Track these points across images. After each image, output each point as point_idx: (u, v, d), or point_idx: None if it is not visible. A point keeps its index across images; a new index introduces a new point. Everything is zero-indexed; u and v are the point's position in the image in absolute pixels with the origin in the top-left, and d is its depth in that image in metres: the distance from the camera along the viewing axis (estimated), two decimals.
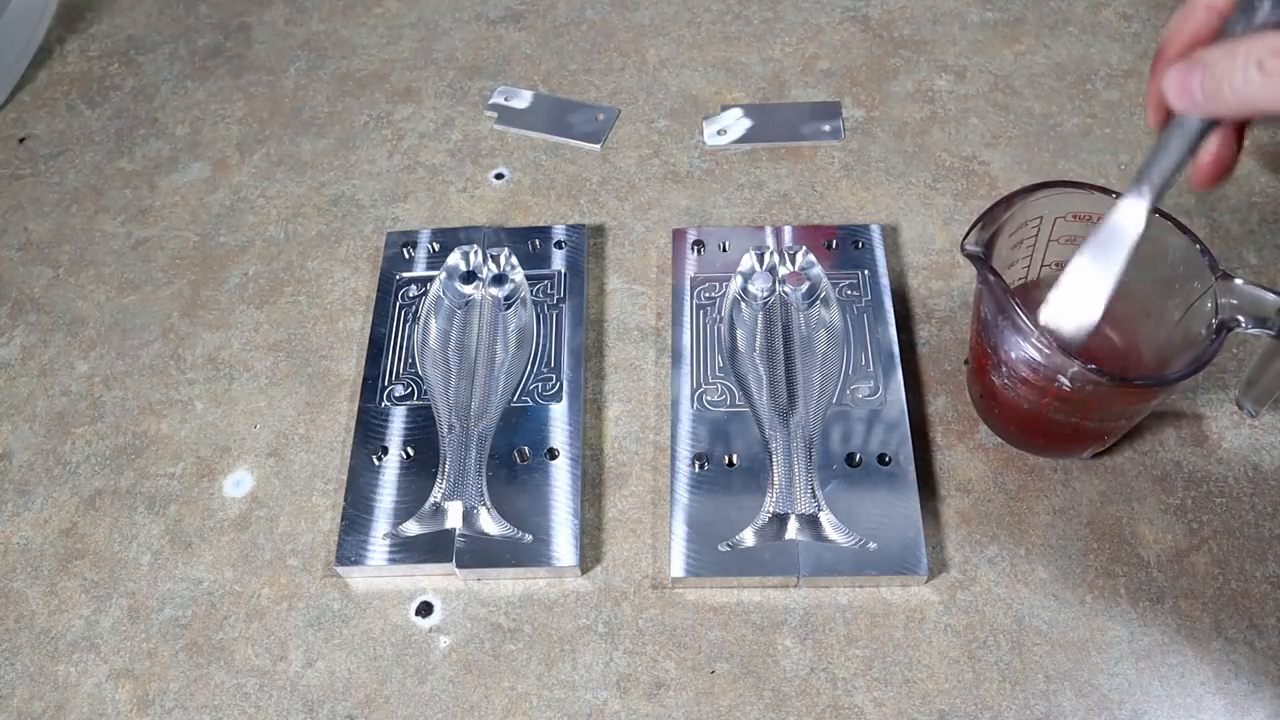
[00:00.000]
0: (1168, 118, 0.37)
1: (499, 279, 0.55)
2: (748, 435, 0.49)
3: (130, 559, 0.48)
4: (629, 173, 0.62)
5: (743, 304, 0.53)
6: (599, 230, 0.59)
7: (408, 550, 0.46)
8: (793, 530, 0.46)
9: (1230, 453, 0.49)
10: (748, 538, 0.46)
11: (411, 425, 0.50)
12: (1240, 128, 0.36)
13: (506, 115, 0.65)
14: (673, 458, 0.48)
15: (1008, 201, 0.44)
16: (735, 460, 0.48)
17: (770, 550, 0.45)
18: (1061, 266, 0.48)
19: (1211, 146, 0.36)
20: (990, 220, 0.44)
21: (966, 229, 0.44)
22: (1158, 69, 0.37)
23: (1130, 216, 0.39)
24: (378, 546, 0.46)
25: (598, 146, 0.63)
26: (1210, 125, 0.36)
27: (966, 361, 0.52)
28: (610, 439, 0.51)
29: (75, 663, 0.46)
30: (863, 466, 0.47)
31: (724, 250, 0.56)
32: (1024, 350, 0.42)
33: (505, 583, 0.47)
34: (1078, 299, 0.40)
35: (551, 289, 0.55)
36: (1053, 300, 0.41)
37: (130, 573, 0.48)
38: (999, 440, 0.50)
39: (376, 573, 0.47)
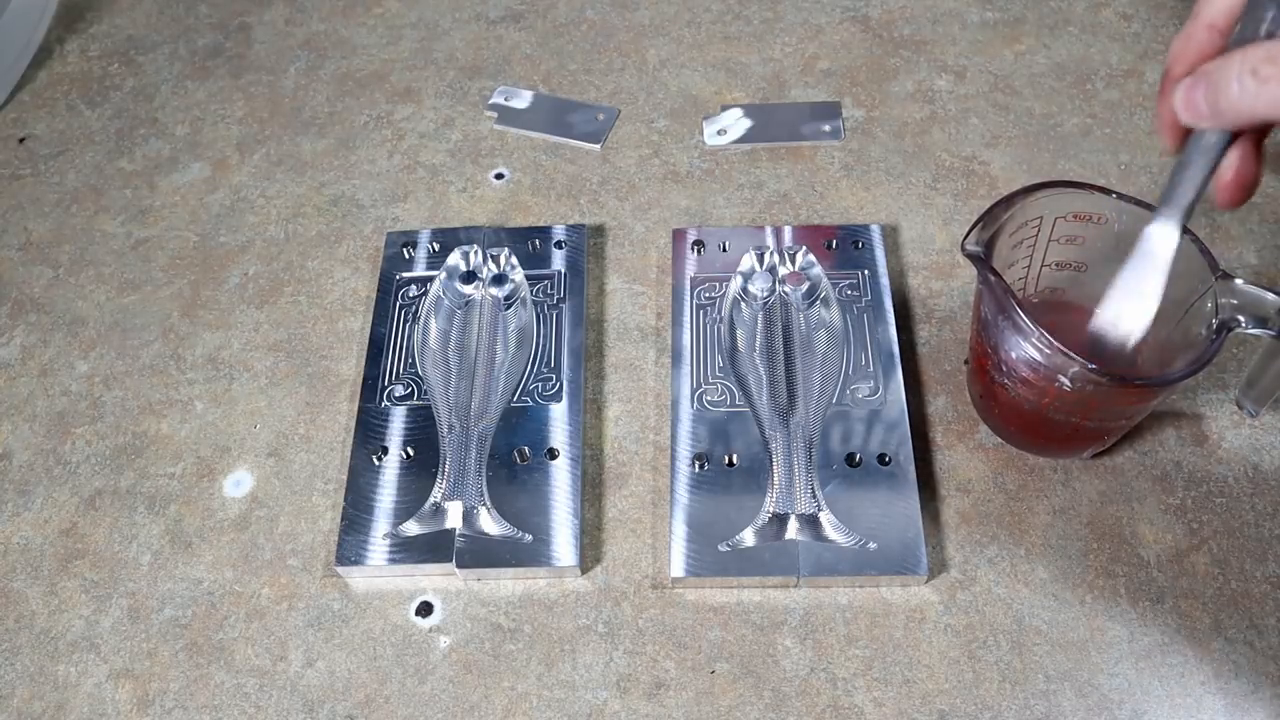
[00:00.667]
0: (1183, 138, 0.37)
1: (499, 279, 0.55)
2: (748, 435, 0.49)
3: (130, 559, 0.48)
4: (629, 173, 0.62)
5: (743, 304, 0.53)
6: (599, 230, 0.59)
7: (408, 550, 0.46)
8: (793, 530, 0.46)
9: (1230, 453, 0.49)
10: (748, 538, 0.46)
11: (411, 425, 0.50)
12: (1259, 141, 0.36)
13: (506, 115, 0.65)
14: (673, 458, 0.49)
15: (1008, 201, 0.44)
16: (735, 460, 0.48)
17: (770, 550, 0.45)
18: (1062, 266, 0.49)
19: (1232, 162, 0.36)
20: (990, 220, 0.44)
21: (966, 229, 0.44)
22: (1165, 90, 0.37)
23: (1162, 241, 0.39)
24: (378, 546, 0.46)
25: (598, 146, 0.63)
26: (1227, 140, 0.36)
27: (966, 361, 0.52)
28: (610, 439, 0.51)
29: (75, 663, 0.46)
30: (863, 466, 0.47)
31: (724, 250, 0.56)
32: (1024, 350, 0.42)
33: (505, 583, 0.47)
34: (1120, 327, 0.42)
35: (551, 289, 0.55)
36: (1098, 326, 0.42)
37: (130, 573, 0.48)
38: (999, 440, 0.50)
39: (376, 573, 0.47)
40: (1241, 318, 0.41)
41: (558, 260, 0.56)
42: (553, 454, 0.49)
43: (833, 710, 0.43)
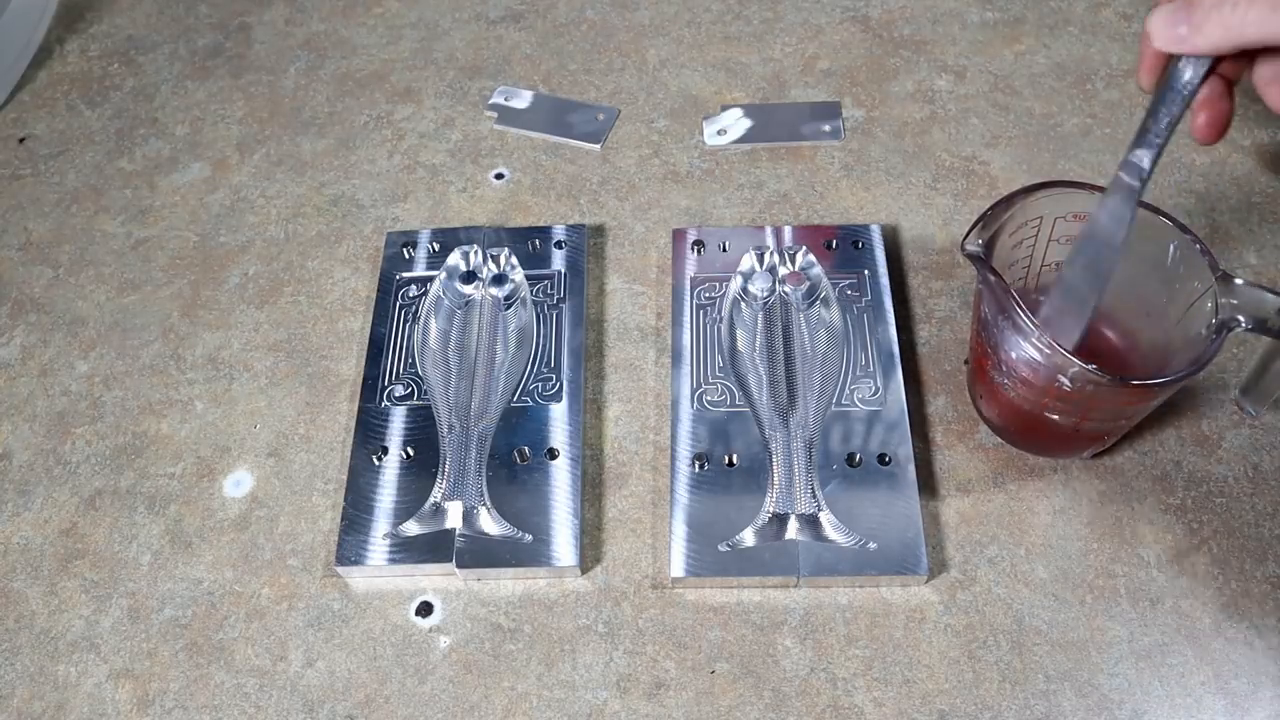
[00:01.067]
0: (1159, 78, 0.39)
1: (499, 279, 0.55)
2: (748, 435, 0.49)
3: (130, 559, 0.48)
4: (629, 173, 0.62)
5: (743, 304, 0.53)
6: (599, 230, 0.59)
7: (408, 550, 0.46)
8: (793, 530, 0.46)
9: (1230, 453, 0.49)
10: (748, 538, 0.46)
11: (411, 425, 0.50)
12: (1228, 84, 0.39)
13: (506, 115, 0.65)
14: (673, 458, 0.49)
15: (1008, 201, 0.44)
16: (735, 460, 0.48)
17: (770, 550, 0.45)
18: (1061, 266, 0.49)
19: (1206, 98, 0.39)
20: (990, 220, 0.44)
21: (966, 229, 0.44)
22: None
23: (1138, 164, 0.40)
24: (378, 546, 0.46)
25: (598, 146, 0.63)
26: (1201, 76, 0.38)
27: (966, 361, 0.52)
28: (610, 439, 0.51)
29: (75, 663, 0.46)
30: (863, 466, 0.47)
31: (724, 250, 0.56)
32: (1024, 350, 0.42)
33: (505, 583, 0.47)
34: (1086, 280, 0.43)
35: (551, 289, 0.55)
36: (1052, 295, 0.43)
37: (130, 573, 0.48)
38: (999, 440, 0.50)
39: (376, 573, 0.47)
40: (1241, 318, 0.41)
41: (558, 260, 0.56)
42: (553, 454, 0.49)
43: (833, 710, 0.43)
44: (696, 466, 0.48)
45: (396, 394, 0.51)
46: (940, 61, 0.67)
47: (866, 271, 0.54)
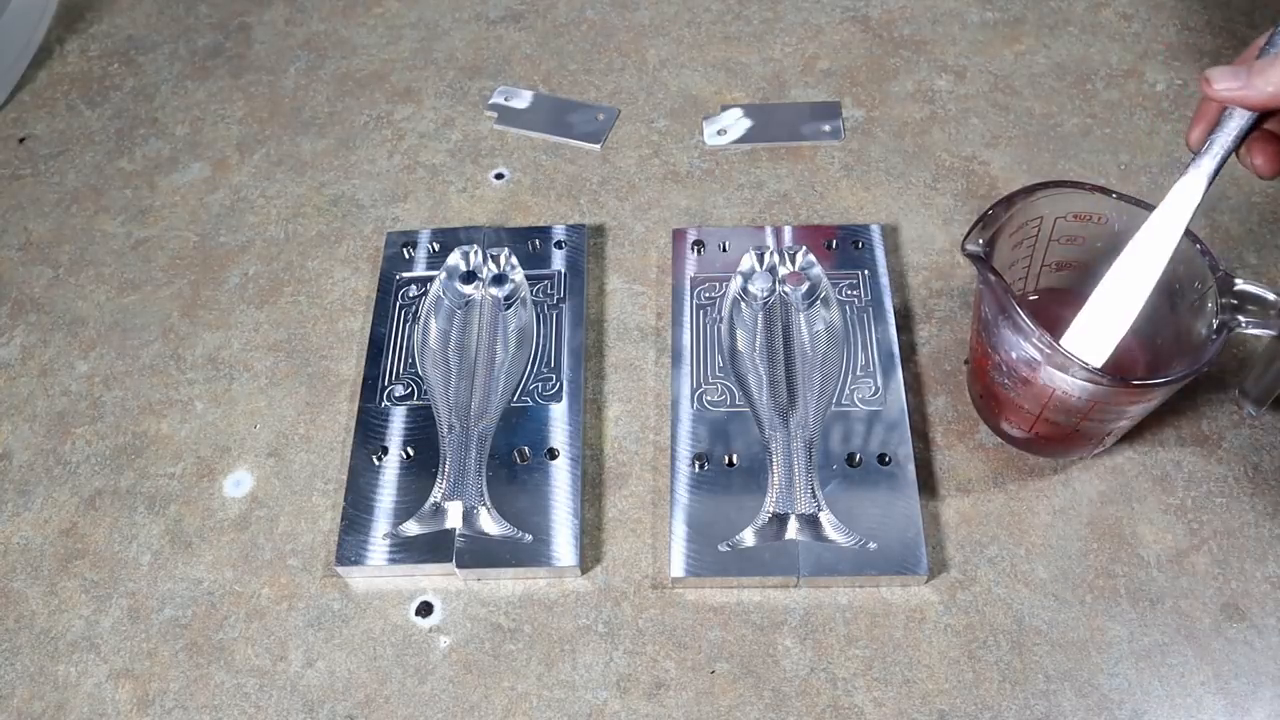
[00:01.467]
0: (1207, 132, 0.42)
1: (499, 279, 0.55)
2: (748, 435, 0.49)
3: (130, 559, 0.48)
4: (629, 173, 0.62)
5: (743, 304, 0.53)
6: (599, 230, 0.59)
7: (408, 550, 0.46)
8: (793, 530, 0.46)
9: (1230, 453, 0.49)
10: (748, 538, 0.46)
11: (411, 425, 0.50)
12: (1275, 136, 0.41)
13: (506, 115, 0.65)
14: (673, 458, 0.48)
15: (1008, 201, 0.44)
16: (735, 460, 0.48)
17: (770, 550, 0.45)
18: (1062, 266, 0.49)
19: (1258, 142, 0.41)
20: (990, 220, 0.44)
21: (966, 229, 0.44)
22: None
23: (1193, 185, 0.42)
24: (378, 546, 0.46)
25: (598, 146, 0.63)
26: (1251, 122, 0.40)
27: (966, 361, 0.52)
28: (610, 439, 0.51)
29: (75, 663, 0.46)
30: (863, 466, 0.47)
31: (724, 250, 0.56)
32: (1024, 350, 0.42)
33: (505, 583, 0.47)
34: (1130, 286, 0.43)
35: (551, 289, 0.55)
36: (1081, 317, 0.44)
37: (130, 573, 0.48)
38: (999, 440, 0.50)
39: (376, 573, 0.47)
40: (1241, 318, 0.41)
41: (558, 260, 0.56)
42: (553, 454, 0.49)
43: (833, 710, 0.43)
44: (696, 466, 0.48)
45: (396, 394, 0.51)
46: (940, 61, 0.67)
47: (866, 271, 0.54)
